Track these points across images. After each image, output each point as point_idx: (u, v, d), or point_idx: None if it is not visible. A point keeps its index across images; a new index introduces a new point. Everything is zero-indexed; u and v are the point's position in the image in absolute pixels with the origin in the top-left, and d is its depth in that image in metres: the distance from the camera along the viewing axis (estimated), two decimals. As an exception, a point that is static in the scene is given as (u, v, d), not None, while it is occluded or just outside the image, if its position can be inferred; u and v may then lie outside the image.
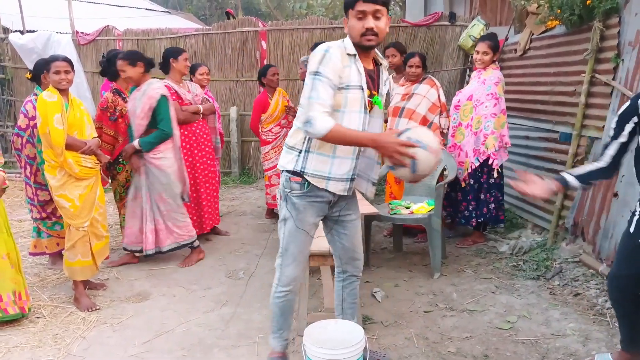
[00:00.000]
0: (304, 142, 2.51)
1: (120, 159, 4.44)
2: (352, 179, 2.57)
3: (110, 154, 4.34)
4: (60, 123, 3.58)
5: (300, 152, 2.52)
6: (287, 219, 2.60)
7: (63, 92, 3.64)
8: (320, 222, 2.73)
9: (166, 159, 4.20)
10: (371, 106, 2.53)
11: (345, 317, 2.96)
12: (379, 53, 2.61)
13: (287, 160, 2.56)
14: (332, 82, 2.36)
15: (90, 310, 3.66)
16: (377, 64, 2.60)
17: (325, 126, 2.30)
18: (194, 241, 4.45)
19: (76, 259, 3.71)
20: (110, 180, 4.56)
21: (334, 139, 2.36)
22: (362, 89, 2.45)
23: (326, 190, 2.54)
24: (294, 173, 2.53)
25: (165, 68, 4.62)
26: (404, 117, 4.64)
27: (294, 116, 5.30)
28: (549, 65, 4.86)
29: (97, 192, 3.83)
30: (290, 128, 5.33)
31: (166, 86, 4.41)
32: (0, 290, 3.37)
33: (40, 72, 4.01)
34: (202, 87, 5.00)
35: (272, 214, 5.63)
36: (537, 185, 2.52)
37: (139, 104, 4.11)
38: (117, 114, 4.34)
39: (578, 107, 4.26)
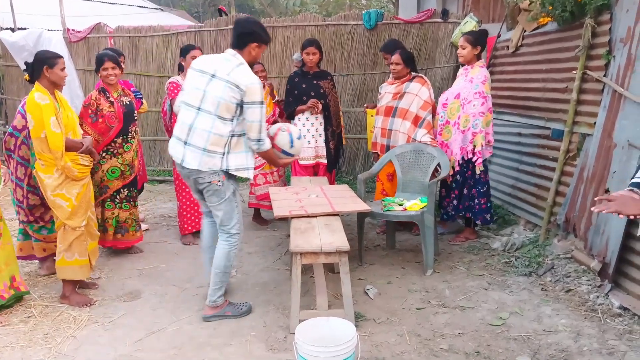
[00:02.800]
0: (225, 146, 3.23)
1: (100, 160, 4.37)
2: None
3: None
4: (56, 126, 3.50)
5: (223, 155, 3.23)
6: (236, 191, 3.40)
7: (51, 91, 3.60)
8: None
9: None
10: None
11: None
12: None
13: (213, 163, 3.22)
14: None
15: (86, 306, 3.67)
16: None
17: (268, 146, 3.33)
18: None
19: (73, 258, 3.69)
20: None
21: (266, 155, 3.45)
22: None
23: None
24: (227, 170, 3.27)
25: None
26: (398, 117, 4.64)
27: (281, 109, 5.26)
28: (541, 62, 4.87)
29: (91, 190, 3.82)
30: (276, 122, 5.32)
31: (172, 82, 4.71)
32: (13, 272, 3.45)
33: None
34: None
35: (259, 218, 5.54)
36: (633, 203, 2.04)
37: None
38: (99, 113, 4.24)
39: (570, 103, 4.26)
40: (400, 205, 4.26)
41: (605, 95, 3.89)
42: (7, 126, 4.65)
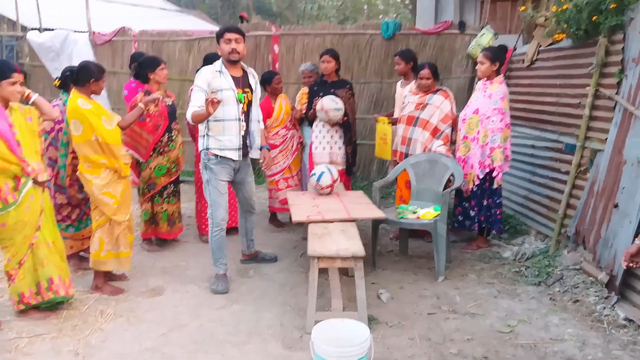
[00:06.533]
0: (204, 130, 3.97)
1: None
2: (239, 149, 4.00)
3: (140, 153, 4.65)
4: (109, 123, 3.82)
5: (203, 136, 3.98)
6: (209, 180, 4.02)
7: (89, 96, 3.87)
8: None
9: None
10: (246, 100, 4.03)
11: (248, 236, 4.55)
12: (242, 64, 4.09)
13: (200, 143, 4.03)
14: (202, 88, 3.85)
15: (118, 294, 3.96)
16: (244, 70, 4.10)
17: (188, 115, 3.84)
18: None
19: (119, 250, 3.97)
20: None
21: (193, 119, 3.82)
22: (233, 89, 3.92)
23: (229, 159, 3.99)
24: (206, 150, 3.97)
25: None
26: (418, 127, 4.77)
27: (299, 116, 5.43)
28: (555, 77, 4.97)
29: (130, 186, 4.09)
30: (296, 129, 5.50)
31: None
32: (51, 273, 3.56)
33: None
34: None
35: (276, 220, 5.71)
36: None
37: None
38: (145, 113, 4.47)
39: (582, 119, 4.37)
40: (414, 213, 4.40)
41: (617, 113, 4.00)
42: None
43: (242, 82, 4.02)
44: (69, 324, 3.52)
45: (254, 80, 4.15)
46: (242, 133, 4.02)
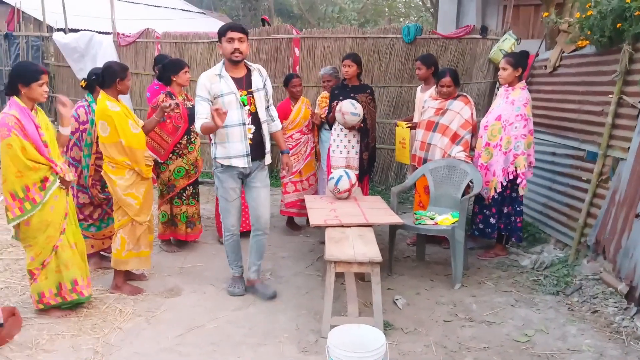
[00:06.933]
0: (213, 138, 3.84)
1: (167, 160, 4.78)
2: (247, 155, 3.79)
3: (158, 154, 4.71)
4: (135, 127, 3.89)
5: (213, 144, 3.86)
6: (218, 188, 3.97)
7: (117, 98, 3.94)
8: None
9: None
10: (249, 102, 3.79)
11: (251, 258, 4.12)
12: (247, 62, 3.87)
13: (211, 150, 3.90)
14: (203, 97, 3.72)
15: (137, 293, 4.02)
16: (248, 69, 3.87)
17: (197, 128, 3.73)
18: None
19: (140, 250, 4.05)
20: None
21: (203, 132, 3.73)
22: (234, 93, 3.72)
23: (236, 167, 3.82)
24: (214, 159, 3.87)
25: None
26: (438, 132, 4.76)
27: (319, 122, 5.46)
28: (578, 84, 4.92)
29: (152, 187, 4.17)
30: (313, 135, 5.52)
31: None
32: (75, 275, 3.64)
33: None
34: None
35: (293, 223, 5.72)
36: None
37: None
38: (166, 114, 4.49)
39: (605, 127, 4.32)
40: (431, 219, 4.39)
41: (640, 121, 3.94)
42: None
43: (245, 83, 3.79)
44: (89, 322, 3.59)
45: (260, 78, 3.88)
46: (250, 136, 3.80)
